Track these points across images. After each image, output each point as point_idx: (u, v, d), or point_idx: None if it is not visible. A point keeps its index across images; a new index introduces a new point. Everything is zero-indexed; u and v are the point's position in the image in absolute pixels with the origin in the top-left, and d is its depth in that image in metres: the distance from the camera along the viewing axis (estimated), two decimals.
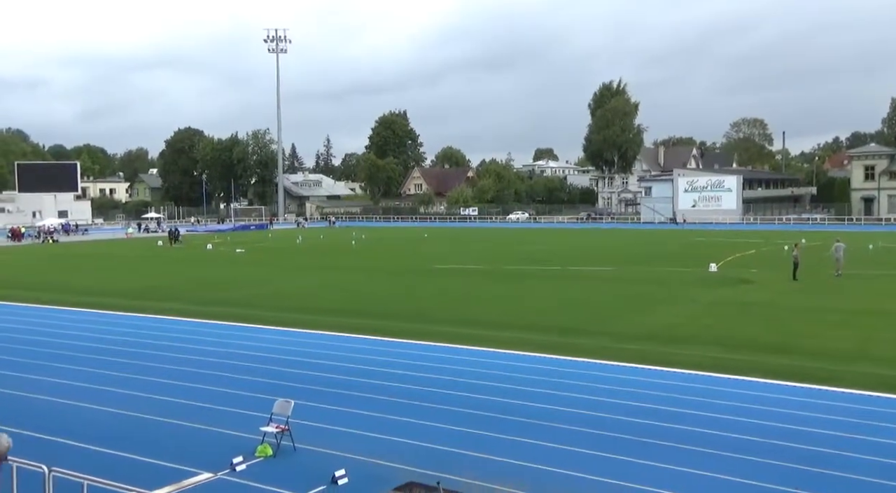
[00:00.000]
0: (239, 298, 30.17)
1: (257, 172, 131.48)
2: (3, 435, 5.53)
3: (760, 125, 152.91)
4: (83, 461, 11.33)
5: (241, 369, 17.83)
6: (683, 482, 10.79)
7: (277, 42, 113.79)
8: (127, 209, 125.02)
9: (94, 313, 26.96)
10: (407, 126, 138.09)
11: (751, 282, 33.55)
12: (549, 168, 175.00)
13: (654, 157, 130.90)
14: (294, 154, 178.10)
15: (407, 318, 24.64)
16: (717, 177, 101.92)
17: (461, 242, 63.53)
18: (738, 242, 58.01)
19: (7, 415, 14.30)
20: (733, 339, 20.78)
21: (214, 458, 11.76)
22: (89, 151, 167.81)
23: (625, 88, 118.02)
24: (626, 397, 15.12)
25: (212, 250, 58.33)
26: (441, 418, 13.83)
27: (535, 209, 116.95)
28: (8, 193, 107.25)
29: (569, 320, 24.11)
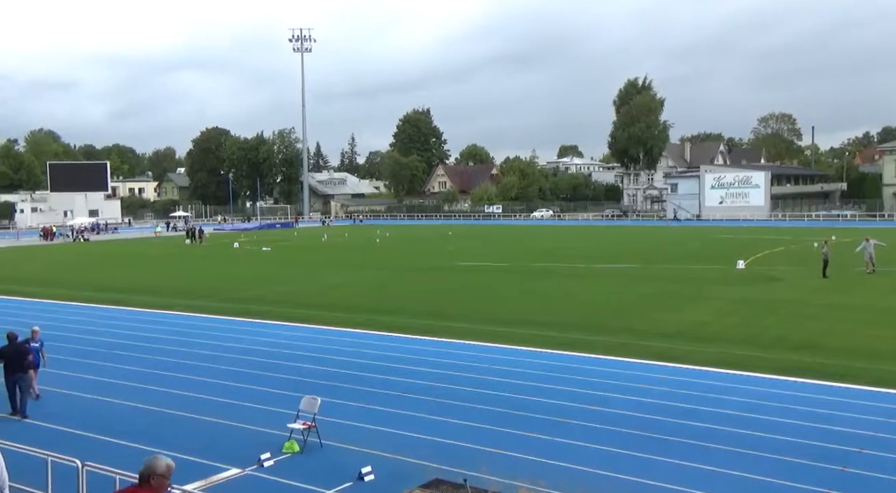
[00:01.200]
0: (266, 295, 30.51)
1: (283, 171, 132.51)
2: (162, 457, 5.80)
3: (789, 120, 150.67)
4: (115, 455, 11.58)
5: (268, 366, 18.07)
6: (706, 480, 10.77)
7: (302, 41, 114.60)
8: (155, 208, 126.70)
9: (125, 310, 27.45)
10: (431, 124, 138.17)
11: (779, 280, 33.16)
12: (574, 165, 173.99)
13: (680, 153, 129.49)
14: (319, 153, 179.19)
15: (431, 315, 24.76)
16: (745, 173, 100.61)
17: (485, 240, 63.52)
18: (766, 240, 57.30)
19: (42, 410, 14.67)
20: (760, 337, 20.60)
21: (243, 454, 11.97)
22: (119, 150, 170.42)
23: (650, 84, 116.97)
24: (649, 395, 15.09)
25: (238, 248, 58.97)
26: (466, 415, 13.92)
27: (560, 207, 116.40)
28: (40, 193, 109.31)
29: (592, 317, 24.05)
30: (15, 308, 28.31)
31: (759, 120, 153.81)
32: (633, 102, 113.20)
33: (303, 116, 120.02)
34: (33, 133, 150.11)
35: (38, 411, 14.67)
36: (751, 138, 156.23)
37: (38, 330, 15.82)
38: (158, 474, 5.60)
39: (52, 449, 10.72)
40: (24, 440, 11.71)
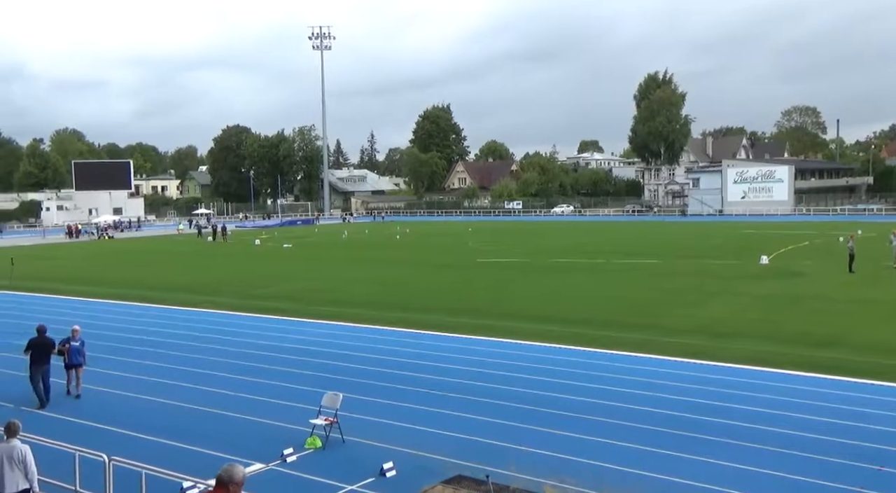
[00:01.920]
0: (288, 292, 30.71)
1: (303, 168, 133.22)
2: (240, 466, 6.04)
3: (813, 113, 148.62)
4: (141, 450, 11.74)
5: (290, 362, 18.20)
6: (735, 478, 10.67)
7: (322, 39, 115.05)
8: (178, 206, 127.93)
9: (151, 307, 27.76)
10: (450, 120, 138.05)
11: (804, 274, 32.76)
12: (594, 160, 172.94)
13: (702, 147, 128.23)
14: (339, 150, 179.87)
15: (452, 312, 24.77)
16: (768, 167, 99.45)
17: (505, 236, 63.40)
18: (790, 234, 56.61)
19: (69, 405, 14.90)
20: (784, 333, 20.37)
21: (266, 449, 12.07)
22: (141, 149, 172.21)
23: (671, 78, 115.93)
24: (671, 391, 14.99)
25: (260, 245, 59.40)
26: (488, 411, 13.92)
27: (580, 202, 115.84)
28: (66, 192, 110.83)
29: (614, 313, 23.93)
30: (43, 305, 28.75)
31: (783, 113, 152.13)
32: (653, 96, 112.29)
33: (323, 114, 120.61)
34: (58, 132, 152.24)
35: (65, 406, 14.91)
36: (774, 132, 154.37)
37: (78, 329, 15.78)
38: (236, 482, 5.89)
39: (80, 444, 10.88)
40: (53, 434, 11.89)
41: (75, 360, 15.35)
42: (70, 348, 15.31)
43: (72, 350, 15.31)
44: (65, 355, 15.31)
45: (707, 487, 10.39)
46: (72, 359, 15.32)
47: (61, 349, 15.27)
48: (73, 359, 15.33)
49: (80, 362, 15.43)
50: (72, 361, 15.33)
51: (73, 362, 15.36)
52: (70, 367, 15.40)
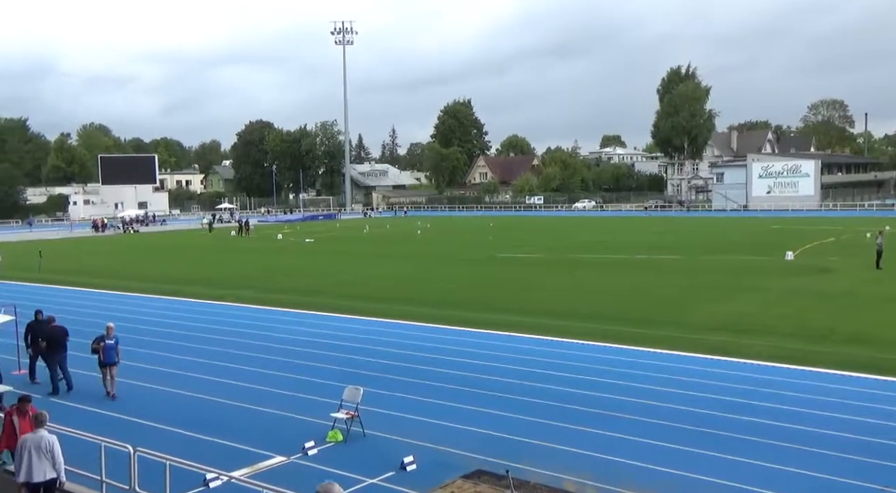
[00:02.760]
0: (310, 286, 30.87)
1: (325, 163, 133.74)
2: (336, 485, 6.16)
3: (841, 107, 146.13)
4: (165, 442, 11.87)
5: (311, 355, 18.30)
6: (754, 475, 10.54)
7: (344, 34, 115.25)
8: (202, 200, 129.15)
9: (175, 300, 28.06)
10: (472, 115, 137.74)
11: (830, 271, 32.28)
12: (617, 155, 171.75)
13: (726, 142, 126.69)
14: (361, 145, 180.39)
15: (473, 307, 24.74)
16: (794, 161, 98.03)
17: (526, 231, 63.20)
18: (816, 230, 55.81)
19: (95, 397, 15.11)
20: (810, 329, 20.09)
21: (288, 442, 12.14)
22: (166, 144, 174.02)
23: (694, 72, 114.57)
24: (695, 388, 14.85)
25: (282, 239, 59.78)
26: (508, 407, 13.89)
27: (602, 197, 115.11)
28: (92, 186, 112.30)
29: (637, 309, 23.75)
30: (71, 298, 29.17)
31: (810, 107, 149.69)
32: (676, 90, 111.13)
33: (344, 109, 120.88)
34: (85, 127, 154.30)
35: (92, 397, 15.12)
36: (800, 126, 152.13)
37: (112, 327, 15.37)
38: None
39: (106, 435, 11.02)
40: (79, 425, 12.06)
41: (110, 358, 14.99)
42: (105, 347, 14.96)
43: (106, 349, 14.95)
44: (99, 353, 15.00)
45: (729, 484, 10.27)
46: (107, 358, 14.96)
47: (95, 348, 15.02)
48: (108, 358, 14.97)
49: (114, 360, 15.07)
50: (107, 359, 14.98)
51: (108, 361, 15.00)
52: (105, 366, 15.07)
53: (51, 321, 16.18)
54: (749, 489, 10.15)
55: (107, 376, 15.10)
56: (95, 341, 15.13)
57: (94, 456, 10.47)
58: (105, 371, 15.12)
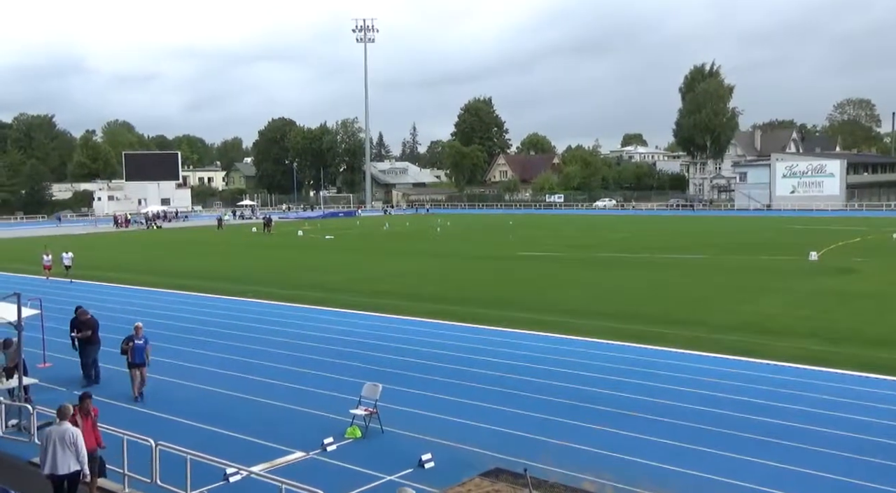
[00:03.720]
0: (330, 283, 31.01)
1: (346, 161, 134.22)
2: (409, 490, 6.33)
3: (867, 106, 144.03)
4: (186, 436, 11.99)
5: (331, 352, 18.38)
6: (773, 476, 10.44)
7: (365, 32, 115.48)
8: (223, 197, 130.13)
9: (196, 296, 28.33)
10: (492, 113, 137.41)
11: (855, 271, 31.83)
12: (638, 154, 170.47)
13: (750, 141, 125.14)
14: (381, 142, 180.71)
15: (493, 305, 24.72)
16: (819, 161, 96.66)
17: (546, 230, 62.98)
18: (841, 230, 55.03)
19: (118, 391, 15.29)
20: (834, 331, 19.83)
21: (307, 438, 12.22)
22: (189, 140, 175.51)
23: (718, 71, 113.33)
24: (715, 388, 14.72)
25: (302, 236, 60.10)
26: (527, 405, 13.87)
27: (623, 196, 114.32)
28: (116, 182, 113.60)
29: (658, 309, 23.58)
30: (96, 293, 29.55)
31: (835, 106, 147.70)
32: (699, 88, 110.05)
33: (365, 106, 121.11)
34: (109, 124, 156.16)
35: (114, 391, 15.31)
36: (825, 126, 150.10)
37: (141, 326, 15.04)
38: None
39: (128, 429, 11.16)
40: (102, 418, 12.22)
41: (139, 359, 14.63)
42: (134, 347, 14.63)
43: (136, 349, 14.63)
44: (129, 354, 14.65)
45: (748, 486, 10.18)
46: (136, 358, 14.62)
47: (125, 349, 14.66)
48: (137, 358, 14.63)
49: (143, 361, 14.70)
50: (136, 360, 14.63)
51: (137, 362, 14.64)
52: (134, 366, 14.67)
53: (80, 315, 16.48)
54: (767, 490, 10.06)
55: (136, 377, 14.71)
56: (125, 342, 14.76)
57: (116, 449, 10.61)
58: (134, 372, 14.69)
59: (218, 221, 75.25)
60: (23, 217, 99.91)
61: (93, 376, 16.01)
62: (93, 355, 16.02)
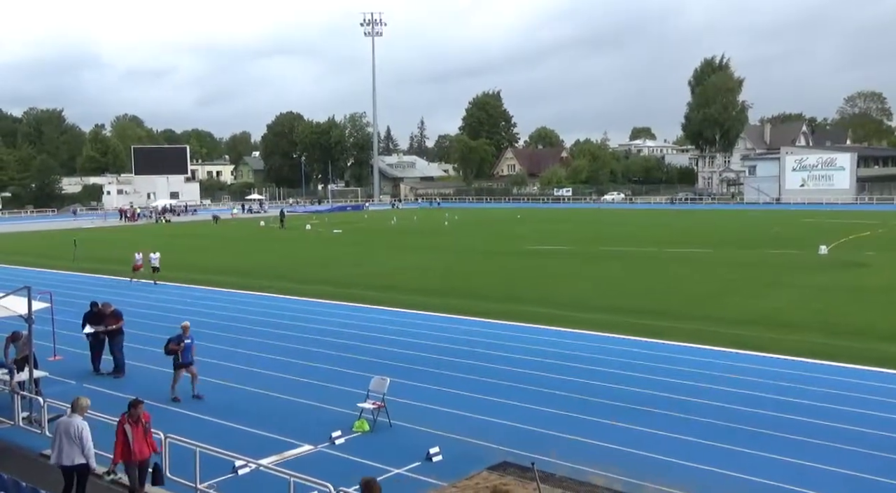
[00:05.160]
0: (338, 276, 31.05)
1: (354, 155, 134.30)
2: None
3: (878, 99, 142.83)
4: (196, 429, 12.03)
5: (339, 345, 18.42)
6: (782, 470, 10.39)
7: (373, 25, 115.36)
8: (232, 191, 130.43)
9: (205, 289, 28.42)
10: (500, 107, 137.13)
11: (865, 265, 31.63)
12: (647, 147, 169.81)
13: (759, 134, 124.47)
14: (389, 136, 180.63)
15: (501, 299, 24.69)
16: (829, 154, 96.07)
17: (554, 224, 62.86)
18: (851, 224, 54.69)
19: (129, 385, 15.37)
20: (843, 325, 19.72)
21: (315, 431, 12.25)
22: (197, 135, 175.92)
23: (728, 64, 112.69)
24: (724, 383, 14.67)
25: (310, 230, 60.19)
26: (534, 399, 13.85)
27: (632, 190, 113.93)
28: (125, 176, 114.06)
29: (666, 303, 23.50)
30: (105, 287, 29.67)
31: (846, 99, 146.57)
32: (708, 81, 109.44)
33: (373, 100, 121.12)
34: (119, 118, 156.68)
35: (125, 384, 15.39)
36: (836, 119, 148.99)
37: (188, 325, 14.74)
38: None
39: None
40: (112, 411, 12.28)
41: (188, 358, 14.36)
42: (185, 347, 14.30)
43: (186, 348, 14.31)
44: (177, 354, 14.29)
45: (757, 480, 10.14)
46: (185, 358, 14.33)
47: (174, 348, 14.29)
48: (186, 358, 14.34)
49: (192, 360, 14.44)
50: (185, 359, 14.33)
51: (186, 361, 14.34)
52: (182, 366, 14.34)
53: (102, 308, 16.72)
54: (777, 485, 10.02)
55: (180, 377, 14.39)
56: (174, 342, 14.36)
57: None
58: (179, 373, 14.35)
59: (214, 218, 73.89)
60: (33, 211, 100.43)
61: (119, 368, 16.25)
62: (119, 346, 16.31)
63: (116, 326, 16.33)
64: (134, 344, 17.77)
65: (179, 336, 14.46)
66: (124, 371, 16.21)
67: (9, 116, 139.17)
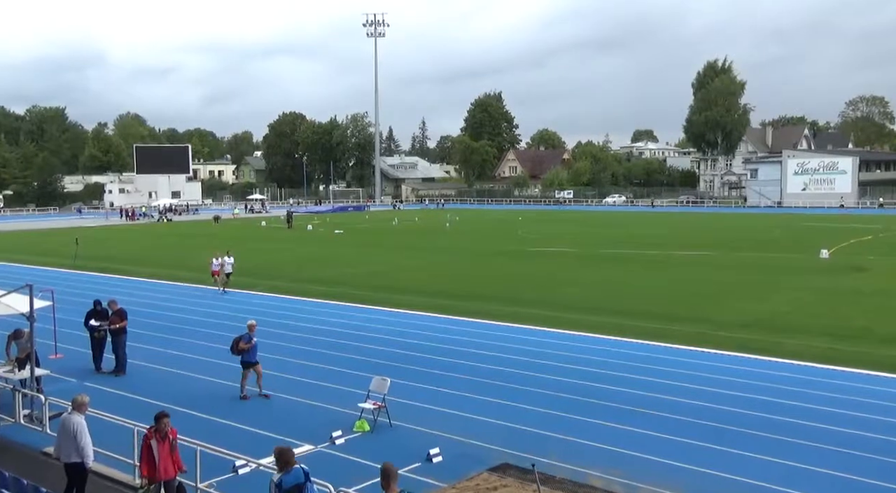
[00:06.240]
0: (339, 277, 31.06)
1: (356, 155, 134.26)
2: None
3: (880, 103, 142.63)
4: (197, 428, 12.04)
5: (340, 346, 18.43)
6: (780, 473, 10.40)
7: (375, 26, 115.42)
8: (233, 190, 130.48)
9: (206, 288, 28.41)
10: (502, 108, 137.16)
11: (866, 269, 31.62)
12: (648, 150, 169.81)
13: (761, 138, 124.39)
14: (391, 137, 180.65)
15: (504, 301, 24.69)
16: (831, 158, 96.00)
17: (556, 225, 62.86)
18: (853, 228, 54.66)
19: (129, 384, 15.39)
20: (845, 329, 19.72)
21: (315, 431, 12.26)
22: (199, 134, 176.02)
23: (730, 67, 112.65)
24: (724, 386, 14.67)
25: (312, 230, 60.20)
26: (535, 401, 13.86)
27: (633, 192, 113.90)
28: (127, 175, 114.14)
29: (668, 306, 23.50)
30: (106, 285, 29.70)
31: (848, 103, 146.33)
32: (711, 84, 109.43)
33: (375, 101, 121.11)
34: (121, 117, 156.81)
35: (124, 383, 15.41)
36: (838, 122, 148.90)
37: (254, 324, 14.67)
38: None
39: (139, 420, 11.22)
40: (113, 409, 12.31)
41: (253, 357, 14.26)
42: (253, 346, 14.23)
43: (253, 347, 14.25)
44: (244, 352, 14.19)
45: (756, 483, 10.15)
46: (251, 356, 14.24)
47: (243, 347, 14.17)
48: (252, 356, 14.25)
49: (257, 359, 14.37)
50: (251, 358, 14.23)
51: (252, 360, 14.25)
52: (250, 365, 14.25)
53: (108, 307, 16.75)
54: (775, 488, 10.03)
55: (248, 375, 14.30)
56: (244, 341, 14.21)
57: (127, 441, 10.67)
58: (248, 371, 14.25)
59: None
60: (34, 209, 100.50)
61: (121, 366, 16.28)
62: (122, 345, 16.33)
63: (120, 325, 16.35)
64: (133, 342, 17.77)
65: (248, 335, 14.31)
66: (125, 370, 16.24)
67: (11, 114, 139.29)
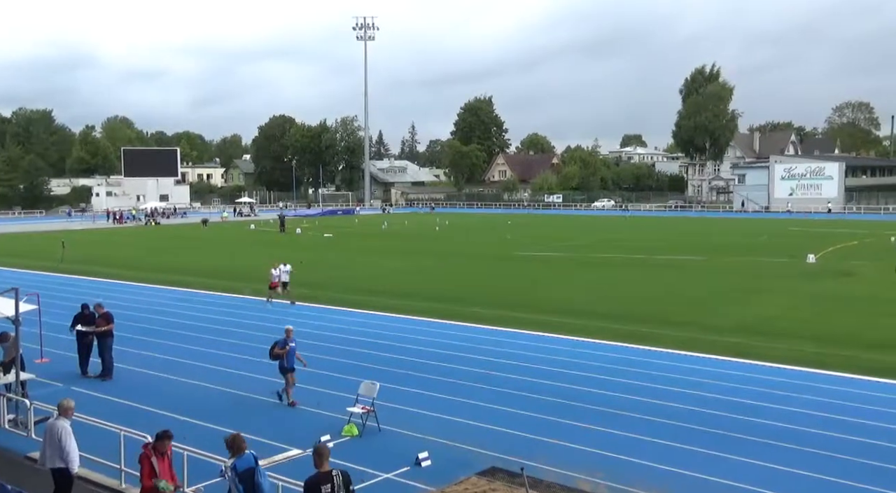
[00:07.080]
0: (328, 281, 30.99)
1: (345, 159, 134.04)
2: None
3: (867, 109, 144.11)
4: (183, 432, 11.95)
5: (328, 350, 18.37)
6: (767, 477, 10.47)
7: (366, 30, 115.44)
8: (222, 194, 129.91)
9: (192, 292, 28.29)
10: (492, 113, 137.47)
11: (853, 274, 31.87)
12: (637, 155, 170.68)
13: (748, 143, 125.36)
14: (381, 141, 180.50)
15: (491, 304, 24.72)
16: (818, 163, 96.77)
17: (545, 230, 62.99)
18: (839, 233, 55.09)
19: (115, 388, 15.28)
20: (831, 334, 19.86)
21: (304, 435, 12.21)
22: (188, 137, 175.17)
23: (719, 72, 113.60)
24: (713, 390, 14.74)
25: (301, 234, 60.04)
26: (524, 405, 13.88)
27: (622, 197, 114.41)
28: (115, 178, 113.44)
29: (656, 310, 23.60)
30: (91, 289, 29.49)
31: (834, 109, 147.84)
32: (700, 90, 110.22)
33: (364, 104, 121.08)
34: (109, 120, 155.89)
35: (111, 387, 15.29)
36: (824, 128, 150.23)
37: (291, 329, 14.59)
38: None
39: (125, 424, 11.15)
40: (99, 414, 12.21)
41: (292, 363, 14.17)
42: (290, 351, 14.11)
43: (290, 353, 14.13)
44: (283, 358, 14.10)
45: (742, 487, 10.21)
46: (289, 362, 14.14)
47: (280, 353, 14.09)
48: (290, 362, 14.15)
49: (294, 365, 14.27)
50: (289, 364, 14.14)
51: (290, 366, 14.16)
52: (288, 371, 14.16)
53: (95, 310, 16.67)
54: (761, 491, 10.08)
55: (292, 381, 14.25)
56: (280, 346, 14.14)
57: (114, 445, 10.60)
58: (289, 377, 14.19)
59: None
60: (21, 212, 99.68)
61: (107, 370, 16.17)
62: (108, 349, 16.24)
63: (106, 328, 16.29)
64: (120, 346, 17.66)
65: (284, 341, 14.19)
66: (112, 374, 16.14)
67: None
